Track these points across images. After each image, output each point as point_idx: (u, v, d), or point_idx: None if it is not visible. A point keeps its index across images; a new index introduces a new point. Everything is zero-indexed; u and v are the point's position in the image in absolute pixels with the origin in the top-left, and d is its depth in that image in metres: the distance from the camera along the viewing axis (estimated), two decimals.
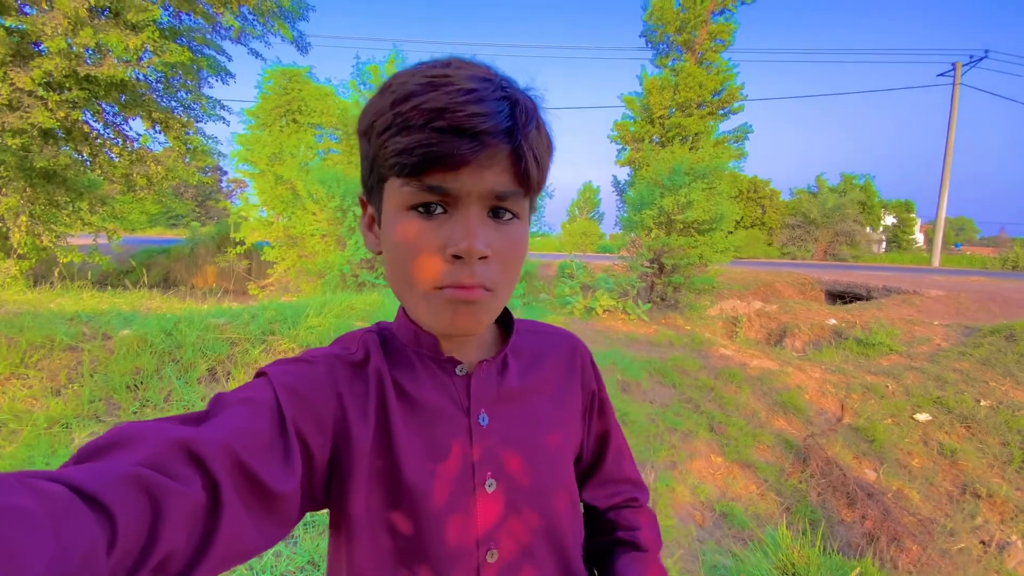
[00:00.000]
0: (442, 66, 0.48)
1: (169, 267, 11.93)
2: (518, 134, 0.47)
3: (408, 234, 0.50)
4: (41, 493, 0.29)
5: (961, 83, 23.90)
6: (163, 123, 8.70)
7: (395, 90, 0.47)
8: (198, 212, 32.61)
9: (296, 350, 3.32)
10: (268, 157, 8.11)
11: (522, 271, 0.59)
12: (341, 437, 0.53)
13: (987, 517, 4.30)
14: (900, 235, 36.53)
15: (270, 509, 0.44)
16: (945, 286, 10.60)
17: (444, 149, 0.45)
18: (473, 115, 0.44)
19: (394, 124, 0.46)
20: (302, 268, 6.65)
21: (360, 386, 0.56)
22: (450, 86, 0.45)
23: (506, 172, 0.49)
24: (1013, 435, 5.07)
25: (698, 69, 20.33)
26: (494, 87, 0.47)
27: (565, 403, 0.67)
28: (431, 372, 0.59)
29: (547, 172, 0.54)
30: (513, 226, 0.52)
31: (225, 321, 3.43)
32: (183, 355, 3.15)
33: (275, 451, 0.46)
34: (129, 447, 0.37)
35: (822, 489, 4.22)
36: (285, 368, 0.53)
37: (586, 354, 0.72)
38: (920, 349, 6.95)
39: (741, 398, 5.26)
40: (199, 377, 3.09)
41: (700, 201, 7.62)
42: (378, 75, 8.51)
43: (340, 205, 6.07)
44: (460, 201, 0.48)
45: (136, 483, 0.34)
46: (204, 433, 0.41)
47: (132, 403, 2.88)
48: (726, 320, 9.23)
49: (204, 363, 3.14)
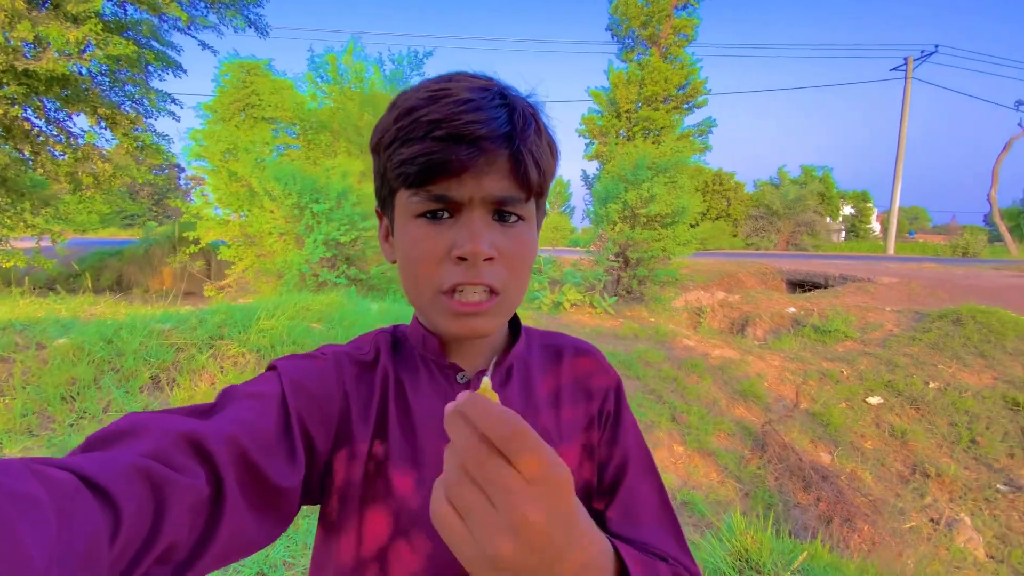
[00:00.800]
0: (444, 80, 0.51)
1: (122, 269, 11.43)
2: (516, 139, 0.49)
3: (417, 240, 0.51)
4: (48, 480, 0.29)
5: (913, 77, 24.88)
6: (109, 119, 8.31)
7: (399, 106, 0.50)
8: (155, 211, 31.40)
9: (247, 355, 3.21)
10: (222, 153, 7.83)
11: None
12: (342, 435, 0.54)
13: (936, 496, 4.48)
14: (858, 224, 37.91)
15: (272, 504, 0.44)
16: (898, 273, 11.03)
17: (444, 156, 0.47)
18: (470, 122, 0.46)
19: (398, 137, 0.49)
20: (260, 268, 6.45)
21: (366, 387, 0.57)
22: (449, 98, 0.48)
23: (507, 177, 0.50)
24: (960, 416, 5.30)
25: (663, 63, 20.59)
26: (492, 95, 0.49)
27: (574, 422, 0.63)
28: (433, 379, 0.59)
29: (550, 175, 0.55)
30: (519, 228, 0.53)
31: (171, 326, 3.29)
32: (124, 363, 3.00)
33: (280, 446, 0.46)
34: (136, 438, 0.37)
35: (779, 474, 4.34)
36: (295, 363, 0.54)
37: (607, 374, 0.67)
38: (873, 335, 7.21)
39: (703, 388, 5.36)
40: (141, 386, 2.96)
41: (662, 195, 7.72)
42: (336, 66, 8.30)
43: (297, 202, 5.89)
44: (464, 206, 0.50)
45: (141, 473, 0.34)
46: (210, 426, 0.41)
47: (68, 415, 2.73)
48: (691, 311, 9.40)
49: (147, 371, 3.00)
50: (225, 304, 3.98)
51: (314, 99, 8.76)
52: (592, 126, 22.45)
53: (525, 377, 0.63)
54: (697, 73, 20.80)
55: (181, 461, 0.37)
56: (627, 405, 0.67)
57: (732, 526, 2.71)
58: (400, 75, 8.69)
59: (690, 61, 20.83)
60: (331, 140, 8.65)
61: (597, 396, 0.64)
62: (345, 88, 8.27)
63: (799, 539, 3.07)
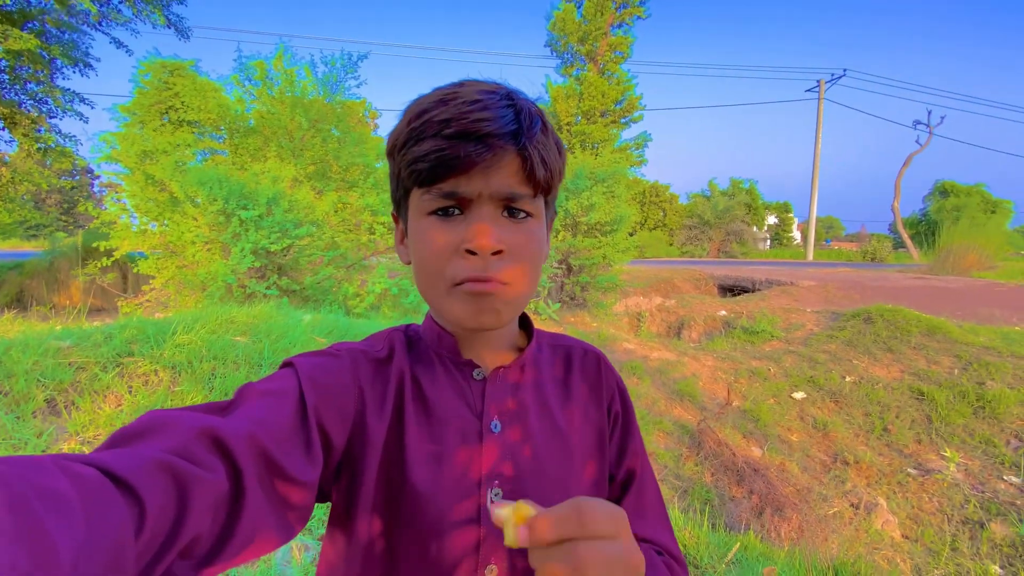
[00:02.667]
0: (455, 86, 0.53)
1: (23, 284, 10.33)
2: (523, 136, 0.50)
3: (429, 236, 0.53)
4: (75, 476, 0.30)
5: (825, 98, 27.08)
6: (8, 119, 7.57)
7: (411, 110, 0.53)
8: (64, 221, 28.82)
9: (160, 372, 2.95)
10: (138, 154, 7.26)
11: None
12: (358, 431, 0.54)
13: (855, 482, 4.79)
14: (781, 233, 40.71)
15: (291, 500, 0.45)
16: (816, 277, 11.86)
17: (453, 152, 0.49)
18: (478, 120, 0.49)
19: (410, 138, 0.51)
20: (183, 280, 6.00)
21: (380, 383, 0.58)
22: (458, 99, 0.50)
23: (514, 174, 0.52)
24: (873, 406, 5.72)
25: (600, 79, 21.29)
26: (500, 97, 0.51)
27: (586, 421, 0.65)
28: (450, 375, 0.60)
29: (558, 174, 0.56)
30: (528, 224, 0.55)
31: (71, 344, 2.97)
32: (14, 386, 2.67)
33: (297, 441, 0.47)
34: (158, 434, 0.38)
35: (715, 470, 4.49)
36: (311, 360, 0.55)
37: (612, 374, 0.70)
38: (796, 334, 7.68)
39: (643, 389, 5.49)
40: (35, 410, 2.64)
41: (601, 204, 7.92)
42: (265, 72, 7.95)
43: (223, 209, 5.53)
44: (474, 202, 0.52)
45: (164, 469, 0.34)
46: (230, 422, 0.42)
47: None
48: (631, 316, 9.67)
49: (41, 394, 2.68)
50: (137, 318, 3.66)
51: (241, 103, 8.32)
52: None
53: (538, 377, 0.64)
54: (633, 89, 21.67)
55: (203, 457, 0.38)
56: (632, 406, 0.70)
57: (671, 523, 2.76)
58: (334, 78, 8.43)
59: (626, 77, 21.67)
60: (261, 144, 8.25)
61: (606, 394, 0.67)
62: (276, 90, 7.93)
63: (734, 531, 3.18)
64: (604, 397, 0.67)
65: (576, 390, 0.66)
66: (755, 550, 2.72)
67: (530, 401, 0.62)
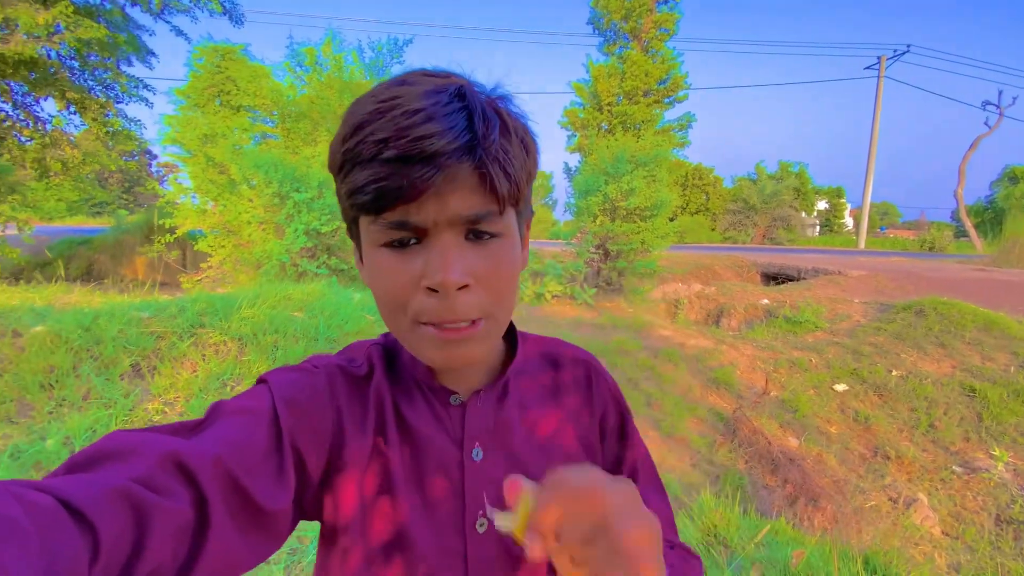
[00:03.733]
0: (396, 86, 0.45)
1: (92, 258, 11.13)
2: (479, 148, 0.43)
3: (383, 270, 0.47)
4: (28, 504, 0.29)
5: (885, 76, 25.50)
6: (78, 104, 8.10)
7: (347, 122, 0.45)
8: (125, 199, 30.54)
9: (228, 343, 3.22)
10: (200, 138, 7.67)
11: None
12: (336, 453, 0.51)
13: (896, 477, 4.72)
14: (832, 219, 38.96)
15: (261, 525, 0.43)
16: (867, 267, 11.40)
17: (394, 182, 0.42)
18: (420, 138, 0.41)
19: (347, 160, 0.44)
20: (239, 258, 6.38)
21: (359, 404, 0.54)
22: (396, 109, 0.42)
23: (474, 192, 0.45)
24: (920, 402, 5.56)
25: (644, 57, 20.72)
26: (448, 99, 0.43)
27: (576, 432, 0.61)
28: (427, 400, 0.56)
29: (525, 179, 0.49)
30: (496, 245, 0.48)
31: (150, 314, 3.27)
32: (103, 351, 2.98)
33: (269, 466, 0.44)
34: (119, 459, 0.36)
35: (749, 457, 4.52)
36: (286, 377, 0.51)
37: (605, 381, 0.65)
38: (841, 325, 7.48)
39: (678, 376, 5.52)
40: (122, 373, 2.95)
41: (642, 188, 7.85)
42: (314, 58, 8.20)
43: (278, 191, 5.84)
44: (430, 231, 0.45)
45: (123, 497, 0.33)
46: (196, 446, 0.40)
47: (47, 403, 2.72)
48: (668, 303, 9.60)
49: (127, 358, 2.99)
50: (205, 293, 3.96)
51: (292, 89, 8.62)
52: (574, 118, 22.54)
53: (522, 392, 0.60)
54: (678, 68, 20.99)
55: (165, 483, 0.36)
56: (630, 412, 0.66)
57: (702, 505, 2.85)
58: (380, 63, 8.62)
59: (671, 56, 21.00)
60: (311, 129, 8.55)
61: (598, 403, 0.63)
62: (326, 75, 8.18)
63: (765, 517, 3.23)
64: (597, 406, 0.63)
65: (565, 401, 0.62)
66: (786, 535, 2.78)
67: (514, 421, 0.58)
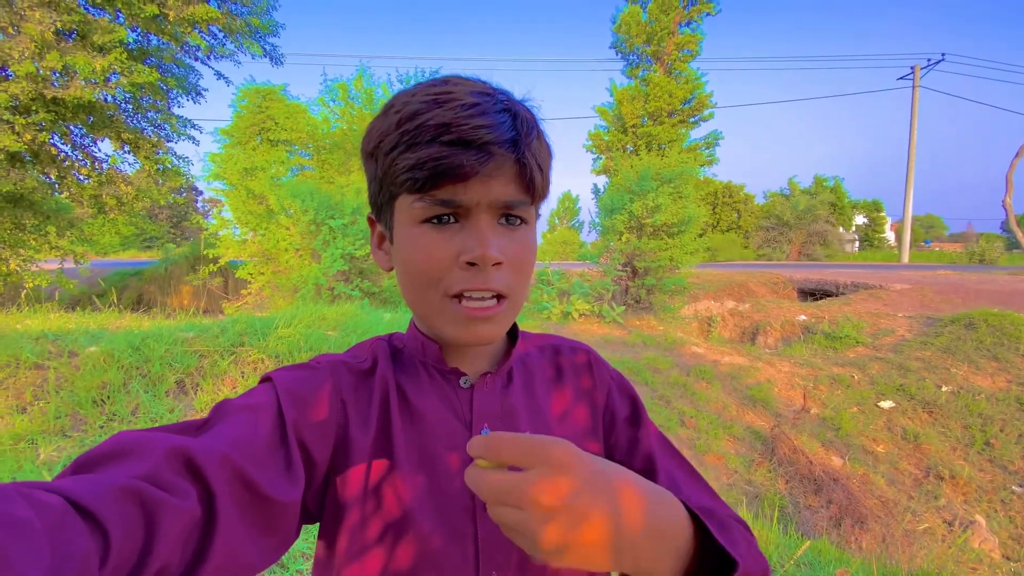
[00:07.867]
0: (441, 83, 0.50)
1: (142, 289, 11.77)
2: (521, 144, 0.49)
3: (422, 245, 0.51)
4: (38, 504, 0.29)
5: (920, 85, 24.85)
6: (132, 143, 8.66)
7: (399, 110, 0.49)
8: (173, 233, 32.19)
9: (266, 360, 3.35)
10: (240, 172, 8.13)
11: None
12: (341, 446, 0.53)
13: (950, 498, 4.45)
14: (871, 234, 37.61)
15: (270, 521, 0.43)
16: (911, 280, 10.96)
17: (453, 161, 0.46)
18: (478, 127, 0.46)
19: (402, 142, 0.48)
20: (277, 284, 6.66)
21: (364, 395, 0.56)
22: (453, 101, 0.47)
23: (512, 182, 0.50)
24: (974, 418, 5.26)
25: (667, 79, 20.86)
26: (494, 100, 0.49)
27: (578, 418, 0.63)
28: (436, 384, 0.59)
29: (549, 180, 0.56)
30: (523, 231, 0.53)
31: (194, 335, 3.45)
32: (151, 369, 3.15)
33: (276, 460, 0.45)
34: (126, 458, 0.37)
35: (789, 477, 4.35)
36: (290, 374, 0.53)
37: (605, 369, 0.68)
38: (884, 340, 7.18)
39: (712, 393, 5.39)
40: (167, 390, 3.10)
41: (667, 205, 7.82)
42: (347, 92, 8.62)
43: (314, 219, 6.12)
44: (471, 211, 0.50)
45: (131, 496, 0.33)
46: (203, 443, 0.40)
47: (99, 418, 2.88)
48: (700, 320, 9.42)
49: (172, 376, 3.15)
50: (245, 315, 4.15)
51: (327, 123, 9.06)
52: (599, 141, 22.75)
53: (527, 378, 0.63)
54: (703, 87, 21.04)
55: (172, 481, 0.36)
56: (637, 396, 0.68)
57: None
58: None
59: (695, 76, 21.09)
60: (344, 159, 8.94)
61: (600, 388, 0.65)
62: (357, 109, 8.60)
63: (807, 537, 3.10)
64: (599, 391, 0.65)
65: (567, 388, 0.64)
66: (829, 554, 2.66)
67: (520, 404, 0.60)
